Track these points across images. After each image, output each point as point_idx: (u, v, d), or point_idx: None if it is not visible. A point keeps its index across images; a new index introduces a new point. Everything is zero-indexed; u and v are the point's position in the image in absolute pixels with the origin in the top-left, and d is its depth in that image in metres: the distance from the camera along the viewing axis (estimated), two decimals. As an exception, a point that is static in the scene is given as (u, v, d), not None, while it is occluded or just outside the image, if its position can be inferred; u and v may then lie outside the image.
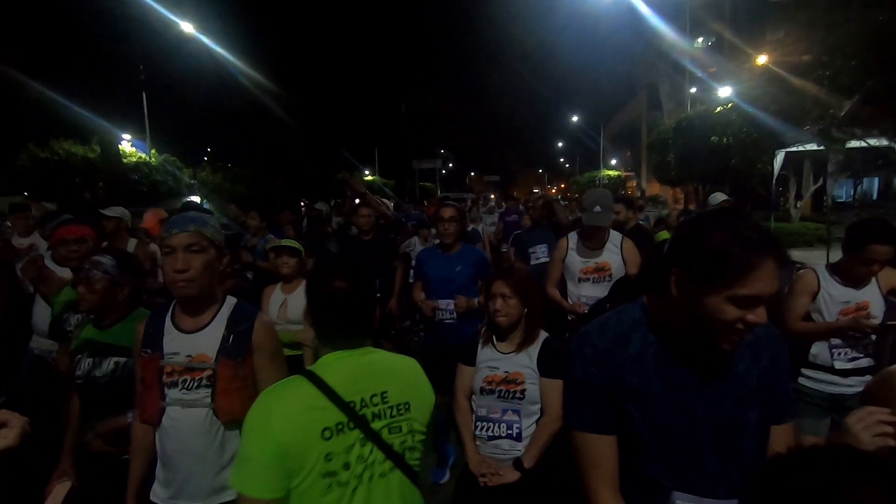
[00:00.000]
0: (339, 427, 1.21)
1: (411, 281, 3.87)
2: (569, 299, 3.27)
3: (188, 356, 1.56)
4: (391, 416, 1.29)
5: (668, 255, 1.05)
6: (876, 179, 22.54)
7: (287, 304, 3.16)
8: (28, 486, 1.95)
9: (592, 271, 3.17)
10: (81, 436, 1.89)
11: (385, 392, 1.30)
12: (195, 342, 1.57)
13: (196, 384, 1.54)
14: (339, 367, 1.28)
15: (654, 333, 1.11)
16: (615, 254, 3.17)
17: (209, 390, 1.54)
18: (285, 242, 3.28)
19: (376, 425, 1.26)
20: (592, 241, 3.18)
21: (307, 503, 1.18)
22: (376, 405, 1.28)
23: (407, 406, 1.33)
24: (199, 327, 1.59)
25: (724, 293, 0.96)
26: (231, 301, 1.67)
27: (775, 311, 2.32)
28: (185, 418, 1.54)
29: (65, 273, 3.23)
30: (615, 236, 3.22)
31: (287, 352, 3.17)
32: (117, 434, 1.78)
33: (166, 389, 1.55)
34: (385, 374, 1.34)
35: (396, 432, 1.29)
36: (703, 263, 0.97)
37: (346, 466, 1.20)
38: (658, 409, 1.07)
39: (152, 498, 1.60)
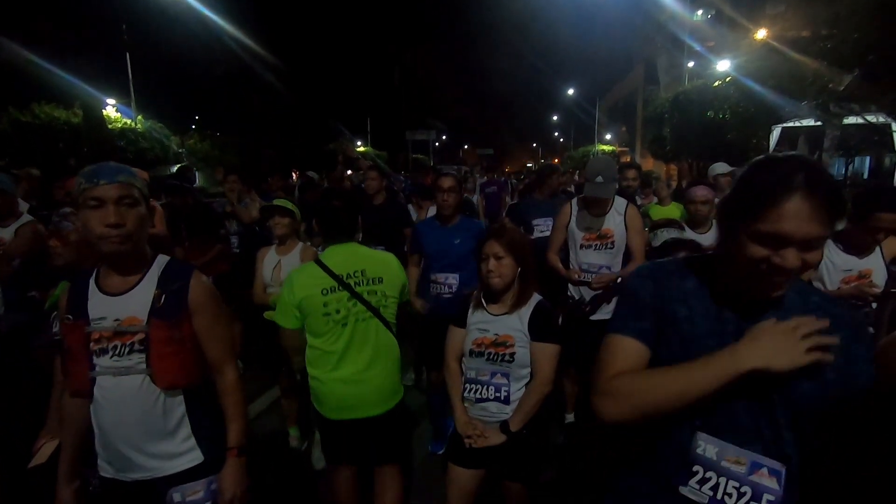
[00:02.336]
0: (332, 288, 2.06)
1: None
2: (570, 266, 3.23)
3: (116, 320, 1.44)
4: (368, 285, 2.11)
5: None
6: (867, 158, 22.59)
7: (281, 266, 3.06)
8: (17, 446, 1.92)
9: (595, 238, 3.12)
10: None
11: (364, 269, 2.12)
12: (123, 304, 1.46)
13: (128, 349, 1.44)
14: (334, 254, 2.14)
15: (708, 278, 1.09)
16: (619, 221, 3.11)
17: (143, 355, 1.44)
18: (277, 202, 3.16)
19: (359, 290, 2.08)
20: (596, 207, 3.12)
21: (315, 329, 2.07)
22: (357, 277, 2.10)
23: (380, 279, 2.14)
24: (127, 289, 1.47)
25: (748, 228, 0.91)
26: (162, 259, 1.56)
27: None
28: (117, 388, 1.44)
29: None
30: (620, 203, 3.15)
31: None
32: None
33: (95, 358, 1.44)
34: (363, 259, 2.15)
35: (373, 295, 2.11)
36: (735, 195, 0.94)
37: (337, 311, 2.05)
38: (698, 346, 1.03)
39: (101, 473, 1.54)
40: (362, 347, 2.10)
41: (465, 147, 56.82)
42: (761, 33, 13.05)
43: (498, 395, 1.98)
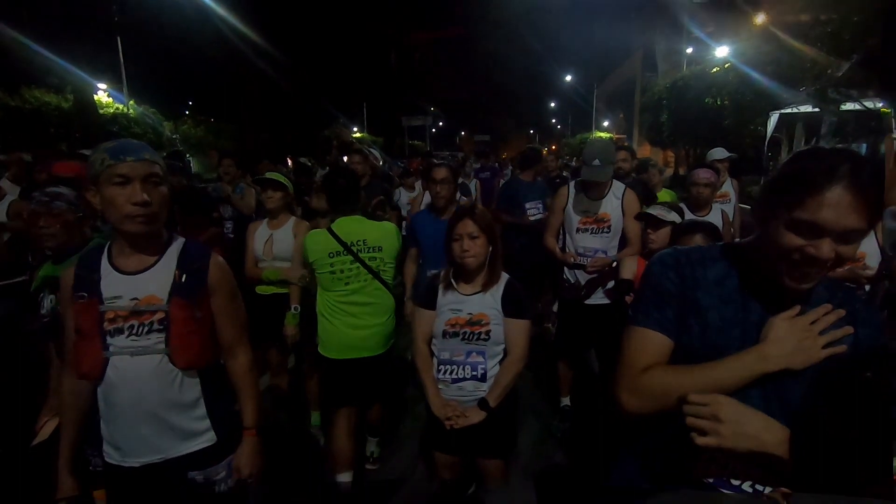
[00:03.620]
0: (338, 252, 2.48)
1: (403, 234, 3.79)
2: (566, 251, 3.22)
3: (133, 299, 1.41)
4: (369, 252, 2.52)
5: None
6: (863, 146, 22.57)
7: (273, 240, 3.04)
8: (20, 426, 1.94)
9: (592, 222, 3.11)
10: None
11: (365, 239, 2.51)
12: (140, 284, 1.43)
13: (146, 329, 1.41)
14: (341, 224, 2.53)
15: (737, 266, 1.08)
16: (616, 205, 3.09)
17: (162, 335, 1.42)
18: (269, 175, 3.11)
19: (362, 256, 2.49)
20: (593, 191, 3.10)
21: (325, 284, 2.54)
22: (359, 244, 2.50)
23: (380, 248, 2.54)
24: (145, 268, 1.45)
25: (784, 215, 0.91)
26: (180, 240, 1.55)
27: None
28: (134, 367, 1.41)
29: None
30: (617, 187, 3.13)
31: (273, 289, 3.12)
32: None
33: (109, 338, 1.40)
34: (365, 230, 2.54)
35: (373, 260, 2.52)
36: (776, 182, 0.93)
37: (341, 272, 2.49)
38: (721, 335, 1.03)
39: (107, 459, 1.50)
40: (364, 302, 2.53)
41: (462, 133, 56.44)
42: (760, 18, 12.92)
43: (475, 373, 2.00)
